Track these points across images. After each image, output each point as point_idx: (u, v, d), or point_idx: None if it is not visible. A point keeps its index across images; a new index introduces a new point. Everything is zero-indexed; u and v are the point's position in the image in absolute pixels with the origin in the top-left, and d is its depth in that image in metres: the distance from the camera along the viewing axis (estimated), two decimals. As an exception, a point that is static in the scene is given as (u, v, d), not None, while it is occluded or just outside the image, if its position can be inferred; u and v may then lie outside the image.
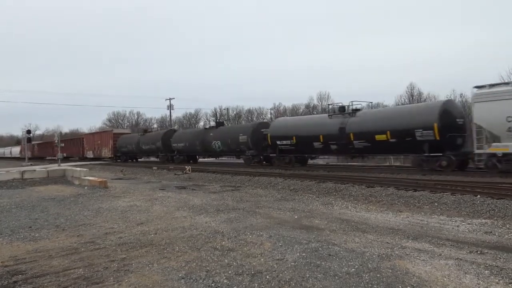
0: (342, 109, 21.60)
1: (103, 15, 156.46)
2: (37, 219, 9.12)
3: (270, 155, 25.50)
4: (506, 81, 23.75)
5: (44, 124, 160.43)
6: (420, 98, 58.03)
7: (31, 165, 36.92)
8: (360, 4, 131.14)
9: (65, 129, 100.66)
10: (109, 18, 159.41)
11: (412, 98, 58.32)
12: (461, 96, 51.12)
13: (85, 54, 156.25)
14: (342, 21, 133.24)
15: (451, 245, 6.08)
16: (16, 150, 75.83)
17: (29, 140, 48.44)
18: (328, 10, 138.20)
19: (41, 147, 67.05)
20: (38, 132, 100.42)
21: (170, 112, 68.43)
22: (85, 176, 17.80)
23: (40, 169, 23.58)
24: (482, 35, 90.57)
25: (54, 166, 27.62)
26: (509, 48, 73.63)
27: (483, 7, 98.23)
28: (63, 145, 49.98)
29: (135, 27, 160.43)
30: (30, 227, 8.20)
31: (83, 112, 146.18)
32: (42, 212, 10.12)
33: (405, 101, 57.91)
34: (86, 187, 15.88)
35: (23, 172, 20.38)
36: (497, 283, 4.39)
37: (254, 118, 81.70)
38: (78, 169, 19.97)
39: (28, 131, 49.33)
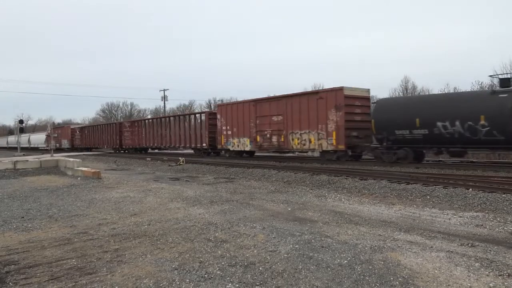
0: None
1: (96, 5, 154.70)
2: (30, 209, 9.07)
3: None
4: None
5: (37, 114, 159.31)
6: (414, 92, 58.21)
7: (24, 155, 36.64)
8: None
9: (58, 119, 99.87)
10: (101, 8, 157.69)
11: (406, 92, 58.46)
12: (455, 90, 51.37)
13: (78, 44, 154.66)
14: (340, 13, 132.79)
15: (442, 238, 6.13)
16: (38, 139, 56.68)
17: (21, 130, 47.90)
18: (327, 2, 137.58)
19: (92, 134, 45.95)
20: (30, 122, 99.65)
21: (164, 103, 68.21)
22: (78, 167, 17.71)
23: (33, 159, 23.41)
24: (479, 30, 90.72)
25: (47, 157, 27.45)
26: (504, 43, 73.93)
27: (481, 1, 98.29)
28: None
29: (126, 17, 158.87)
30: (23, 217, 8.16)
31: (75, 103, 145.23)
32: (34, 202, 10.07)
33: (398, 94, 58.05)
34: (79, 178, 15.81)
35: (15, 162, 20.22)
36: (487, 275, 4.44)
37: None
38: (71, 159, 19.84)
39: (21, 121, 48.82)
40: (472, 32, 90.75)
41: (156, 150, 37.95)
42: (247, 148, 24.19)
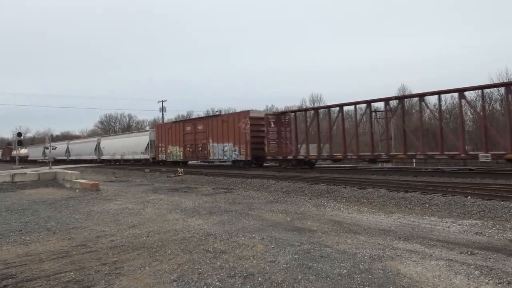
0: None
1: (92, 18, 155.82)
2: (28, 222, 9.03)
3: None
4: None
5: (35, 127, 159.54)
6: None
7: (22, 167, 36.56)
8: (355, 6, 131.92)
9: (56, 131, 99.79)
10: (98, 20, 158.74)
11: (404, 100, 58.67)
12: (451, 98, 51.50)
13: (75, 56, 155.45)
14: (336, 22, 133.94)
15: (442, 246, 6.12)
16: (137, 144, 36.04)
17: (19, 142, 47.72)
18: (322, 12, 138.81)
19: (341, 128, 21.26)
20: (28, 135, 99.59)
21: (163, 114, 68.21)
22: (76, 179, 17.67)
23: (31, 172, 23.37)
24: (475, 37, 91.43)
25: (45, 169, 27.40)
26: (500, 51, 74.52)
27: (477, 8, 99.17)
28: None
29: (123, 29, 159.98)
30: (21, 230, 8.12)
31: (74, 115, 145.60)
32: (32, 215, 10.03)
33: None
34: (77, 190, 15.77)
35: (13, 175, 20.18)
36: (487, 283, 4.43)
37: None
38: (70, 171, 19.82)
39: (19, 134, 48.70)
40: (470, 39, 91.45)
41: None
42: None
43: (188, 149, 29.77)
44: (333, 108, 21.35)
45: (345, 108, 20.77)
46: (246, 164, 25.06)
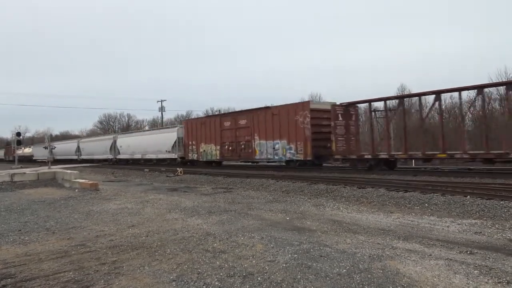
0: None
1: (92, 18, 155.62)
2: (27, 222, 9.02)
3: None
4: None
5: (34, 127, 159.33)
6: (411, 100, 58.33)
7: (21, 167, 36.52)
8: (355, 6, 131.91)
9: (55, 131, 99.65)
10: (98, 20, 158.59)
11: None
12: (451, 98, 51.49)
13: (75, 57, 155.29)
14: (336, 22, 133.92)
15: (441, 246, 6.13)
16: (163, 141, 32.24)
17: (19, 142, 47.53)
18: (322, 12, 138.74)
19: None
20: (28, 135, 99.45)
21: (162, 114, 68.27)
22: (75, 179, 17.66)
23: (30, 171, 23.34)
24: (475, 37, 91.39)
25: (44, 169, 27.38)
26: (499, 51, 74.51)
27: (477, 8, 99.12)
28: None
29: (123, 29, 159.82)
30: (20, 230, 8.12)
31: (73, 115, 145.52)
32: (32, 215, 10.02)
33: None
34: (76, 190, 15.76)
35: (12, 175, 20.16)
36: (486, 282, 4.43)
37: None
38: (69, 171, 19.80)
39: (18, 134, 48.53)
40: (470, 39, 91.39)
41: None
42: None
43: (226, 147, 25.68)
44: (425, 97, 17.63)
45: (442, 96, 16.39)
46: (304, 165, 21.42)
